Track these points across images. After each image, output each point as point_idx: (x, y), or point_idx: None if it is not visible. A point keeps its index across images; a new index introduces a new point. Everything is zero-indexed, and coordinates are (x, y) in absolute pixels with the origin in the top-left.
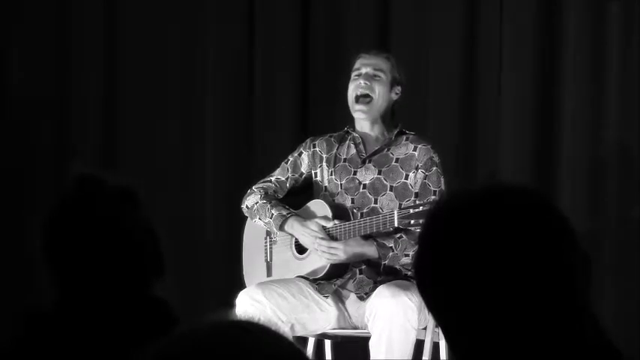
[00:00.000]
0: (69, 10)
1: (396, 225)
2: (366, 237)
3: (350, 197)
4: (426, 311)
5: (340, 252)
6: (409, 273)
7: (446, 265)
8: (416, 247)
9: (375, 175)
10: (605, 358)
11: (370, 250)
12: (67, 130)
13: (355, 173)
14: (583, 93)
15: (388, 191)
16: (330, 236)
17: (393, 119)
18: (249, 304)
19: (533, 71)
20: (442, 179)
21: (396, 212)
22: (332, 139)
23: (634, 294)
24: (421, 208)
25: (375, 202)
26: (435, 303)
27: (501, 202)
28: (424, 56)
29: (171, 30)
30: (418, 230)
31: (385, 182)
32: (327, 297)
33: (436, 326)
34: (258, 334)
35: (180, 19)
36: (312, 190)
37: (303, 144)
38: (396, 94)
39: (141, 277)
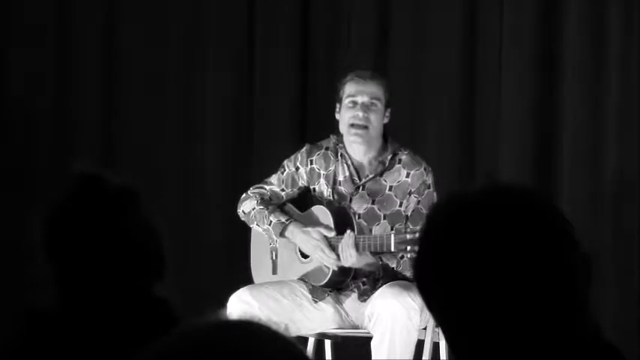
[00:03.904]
0: (69, 10)
1: (392, 249)
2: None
3: None
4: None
5: (354, 259)
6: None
7: (446, 265)
8: None
9: (369, 205)
10: (605, 358)
11: (374, 265)
12: (67, 130)
13: (350, 201)
14: (583, 93)
15: (382, 220)
16: (331, 246)
17: (384, 139)
18: (238, 307)
19: (533, 71)
20: (436, 198)
21: (392, 236)
22: (329, 152)
23: (634, 294)
24: (417, 235)
25: (370, 232)
26: (435, 302)
27: (501, 202)
28: (424, 56)
29: (172, 30)
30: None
31: (379, 212)
32: (315, 302)
33: (436, 326)
34: (258, 334)
35: (181, 18)
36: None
37: (300, 156)
38: (387, 117)
39: (141, 276)
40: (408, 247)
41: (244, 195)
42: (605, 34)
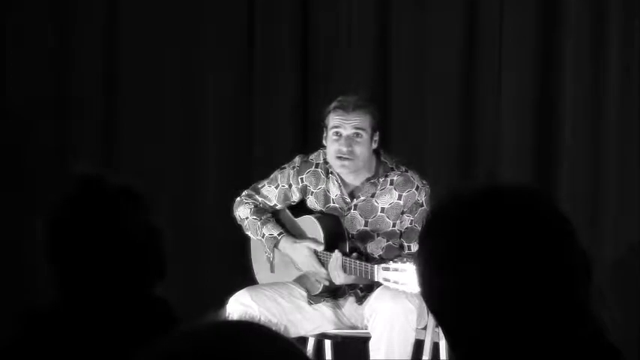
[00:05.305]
0: (69, 9)
1: (375, 280)
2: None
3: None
4: (426, 311)
5: (342, 280)
6: None
7: (446, 265)
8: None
9: (362, 227)
10: (605, 358)
11: (365, 280)
12: (67, 130)
13: (343, 219)
14: (583, 93)
15: (376, 237)
16: (320, 261)
17: (378, 158)
18: (238, 309)
19: (533, 71)
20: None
21: (376, 268)
22: (319, 170)
23: (634, 294)
24: (399, 269)
25: (365, 250)
26: (436, 302)
27: (501, 202)
28: (424, 56)
29: (171, 30)
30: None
31: (372, 233)
32: (311, 304)
33: (436, 326)
34: (259, 334)
35: (180, 19)
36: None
37: (291, 173)
38: (375, 141)
39: (142, 277)
40: (391, 280)
41: (238, 199)
42: (605, 35)
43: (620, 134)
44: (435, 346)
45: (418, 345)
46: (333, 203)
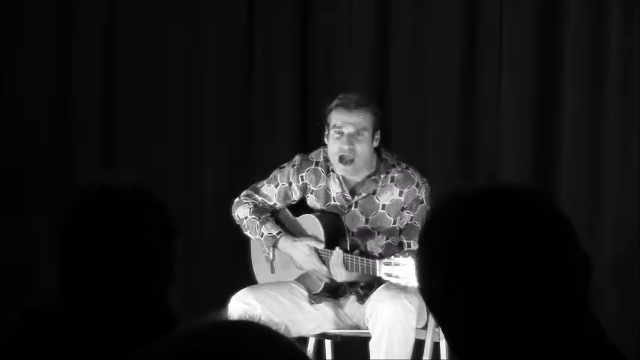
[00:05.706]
0: (69, 10)
1: (377, 275)
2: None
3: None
4: (426, 311)
5: (343, 277)
6: None
7: (446, 265)
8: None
9: (363, 225)
10: (605, 358)
11: (367, 277)
12: (67, 130)
13: (344, 216)
14: (583, 93)
15: (376, 235)
16: (321, 258)
17: (379, 156)
18: (239, 308)
19: (533, 71)
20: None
21: (378, 263)
22: (319, 168)
23: (634, 294)
24: (401, 263)
25: (365, 248)
26: (436, 302)
27: (502, 202)
28: (424, 56)
29: (172, 30)
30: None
31: (372, 230)
32: (312, 304)
33: (436, 326)
34: (259, 334)
35: (180, 19)
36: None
37: (291, 171)
38: (377, 139)
39: (143, 278)
40: (393, 274)
41: (237, 200)
42: (605, 34)
43: (620, 134)
44: (435, 346)
45: (418, 345)
46: (334, 201)
